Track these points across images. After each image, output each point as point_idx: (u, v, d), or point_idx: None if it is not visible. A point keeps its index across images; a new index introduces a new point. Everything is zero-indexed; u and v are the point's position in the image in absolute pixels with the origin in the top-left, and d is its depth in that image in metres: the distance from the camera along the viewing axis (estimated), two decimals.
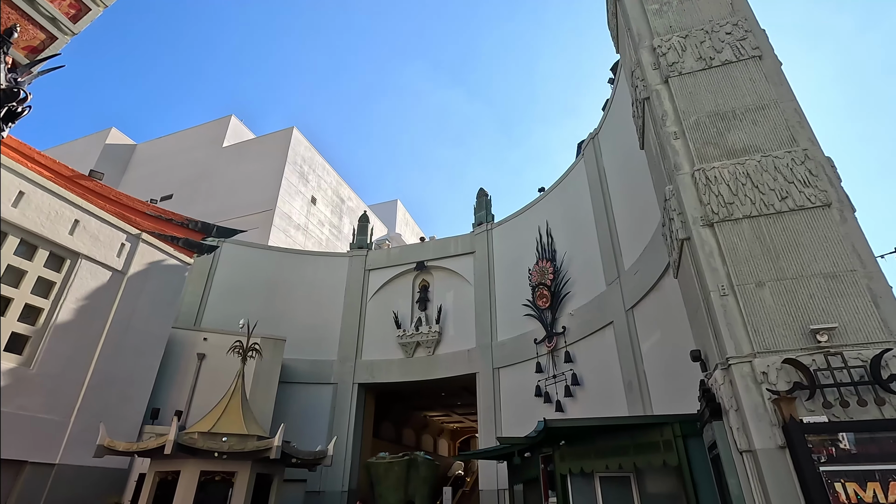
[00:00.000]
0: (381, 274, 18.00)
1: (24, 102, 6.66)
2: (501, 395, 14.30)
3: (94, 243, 10.07)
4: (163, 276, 11.48)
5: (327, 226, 27.72)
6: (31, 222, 9.01)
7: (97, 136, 29.28)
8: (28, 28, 6.84)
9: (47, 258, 9.35)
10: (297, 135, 26.45)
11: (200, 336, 12.94)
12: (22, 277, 8.89)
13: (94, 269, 10.05)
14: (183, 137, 29.18)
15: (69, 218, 9.67)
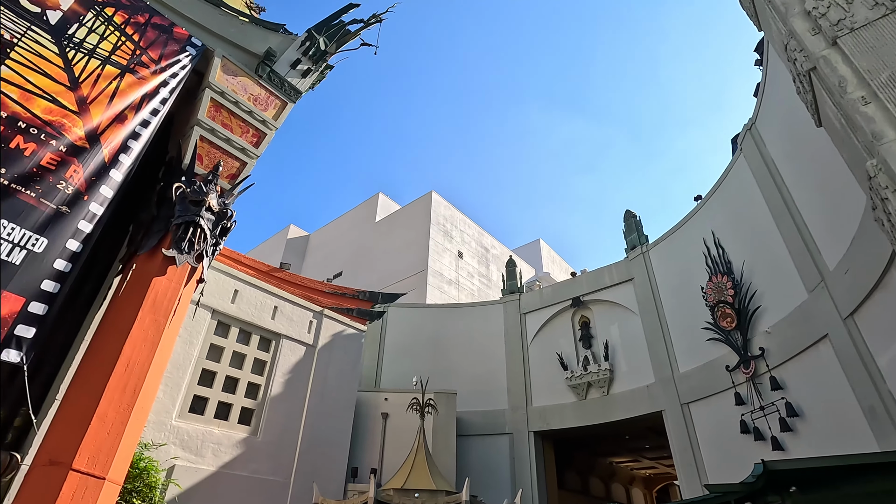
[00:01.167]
0: (538, 316, 17.71)
1: (231, 219, 8.28)
2: (698, 433, 12.57)
3: (290, 324, 11.82)
4: (344, 345, 12.89)
5: (476, 276, 28.56)
6: (245, 314, 10.97)
7: (280, 234, 35.06)
8: (227, 160, 8.61)
9: (259, 341, 11.21)
10: (436, 197, 28.35)
11: (381, 396, 14.02)
12: (243, 360, 10.75)
13: (293, 345, 11.72)
14: (342, 221, 33.37)
15: (270, 305, 11.56)
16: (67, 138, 6.72)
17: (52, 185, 6.40)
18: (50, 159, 6.46)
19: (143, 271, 7.15)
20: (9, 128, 6.20)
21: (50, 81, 6.78)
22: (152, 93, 8.00)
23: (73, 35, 7.26)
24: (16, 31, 6.69)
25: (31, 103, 6.53)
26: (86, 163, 6.82)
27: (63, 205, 6.44)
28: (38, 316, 5.89)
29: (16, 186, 6.06)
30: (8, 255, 5.80)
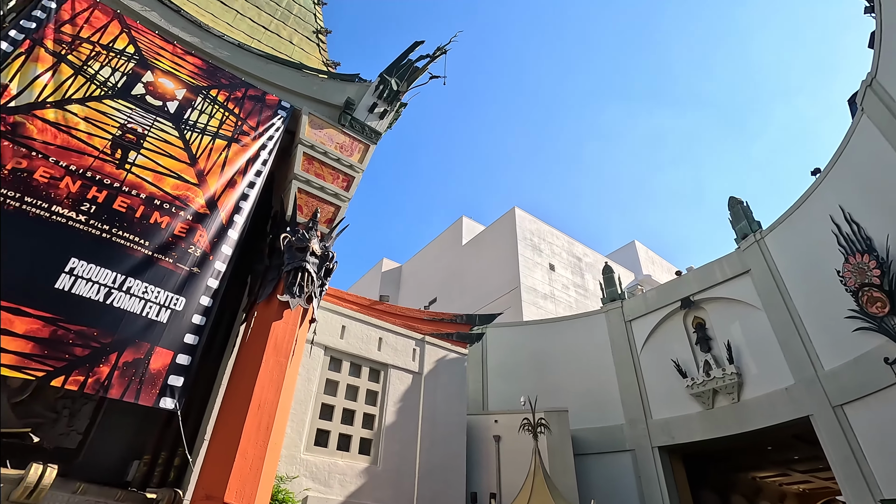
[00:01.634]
0: (645, 322, 16.64)
1: (333, 260, 8.83)
2: (860, 440, 10.88)
3: (395, 354, 12.23)
4: (448, 369, 13.04)
5: (572, 288, 27.64)
6: (353, 347, 11.56)
7: (375, 268, 36.78)
8: (323, 207, 9.25)
9: (369, 373, 11.72)
10: (519, 213, 28.14)
11: (491, 419, 13.89)
12: (357, 392, 11.28)
13: (400, 374, 12.10)
14: (430, 248, 34.23)
15: (375, 337, 12.08)
16: (192, 208, 7.68)
17: (185, 250, 7.32)
18: (180, 229, 7.41)
19: (263, 317, 7.85)
20: (147, 206, 7.24)
21: (175, 161, 7.84)
22: (254, 157, 8.92)
23: (188, 119, 8.36)
24: (145, 124, 7.86)
25: (162, 182, 7.58)
26: (208, 227, 7.73)
27: (194, 266, 7.32)
28: (185, 366, 6.68)
29: (158, 256, 7.02)
30: (157, 316, 6.68)
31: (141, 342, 6.40)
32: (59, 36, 7.65)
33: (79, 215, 6.60)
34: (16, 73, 7.03)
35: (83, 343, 6.03)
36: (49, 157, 6.74)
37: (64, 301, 6.07)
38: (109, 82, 7.81)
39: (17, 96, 6.87)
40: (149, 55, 8.45)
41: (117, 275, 6.56)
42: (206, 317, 7.16)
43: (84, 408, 7.98)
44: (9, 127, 6.64)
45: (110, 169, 7.15)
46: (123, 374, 6.15)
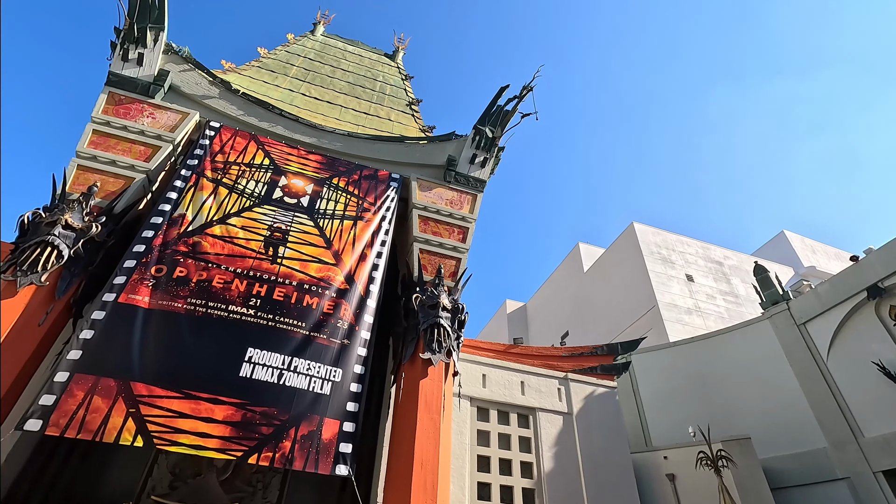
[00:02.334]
0: (823, 322, 14.21)
1: (463, 311, 9.02)
2: None
3: (540, 396, 11.88)
4: (599, 406, 12.26)
5: (719, 297, 24.81)
6: (497, 395, 11.48)
7: (500, 311, 36.74)
8: (445, 262, 9.60)
9: (517, 419, 11.47)
10: (639, 227, 26.47)
11: (659, 456, 12.60)
12: (509, 441, 11.06)
13: (549, 417, 11.65)
14: (552, 282, 33.40)
15: (517, 382, 11.89)
16: (335, 286, 8.50)
17: (334, 325, 8.05)
18: (328, 306, 8.20)
19: (410, 377, 8.22)
20: (299, 292, 8.16)
21: (314, 248, 8.83)
22: (377, 229, 9.69)
23: (318, 208, 9.43)
24: (287, 221, 9.02)
25: (307, 268, 8.54)
26: (350, 300, 8.46)
27: (344, 339, 7.99)
28: (351, 433, 7.16)
29: (314, 334, 7.81)
30: (321, 389, 7.33)
31: (312, 415, 7.05)
32: (215, 164, 9.26)
33: (249, 310, 7.66)
34: (189, 202, 8.60)
35: (267, 422, 6.80)
36: (221, 265, 8.02)
37: (248, 387, 6.97)
38: (255, 192, 9.18)
39: (192, 221, 8.38)
40: (280, 162, 9.82)
41: (285, 357, 7.39)
42: (361, 384, 7.69)
43: (273, 480, 8.90)
44: (190, 247, 8.07)
45: (266, 265, 8.27)
46: (302, 447, 6.77)
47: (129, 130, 8.85)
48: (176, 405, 6.53)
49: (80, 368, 6.47)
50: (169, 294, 7.43)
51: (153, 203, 8.65)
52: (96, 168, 8.31)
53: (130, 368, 6.62)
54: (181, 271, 7.72)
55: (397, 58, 17.80)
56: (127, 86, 9.21)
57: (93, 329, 6.83)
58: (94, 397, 6.29)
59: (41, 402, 6.13)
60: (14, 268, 6.81)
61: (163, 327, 7.12)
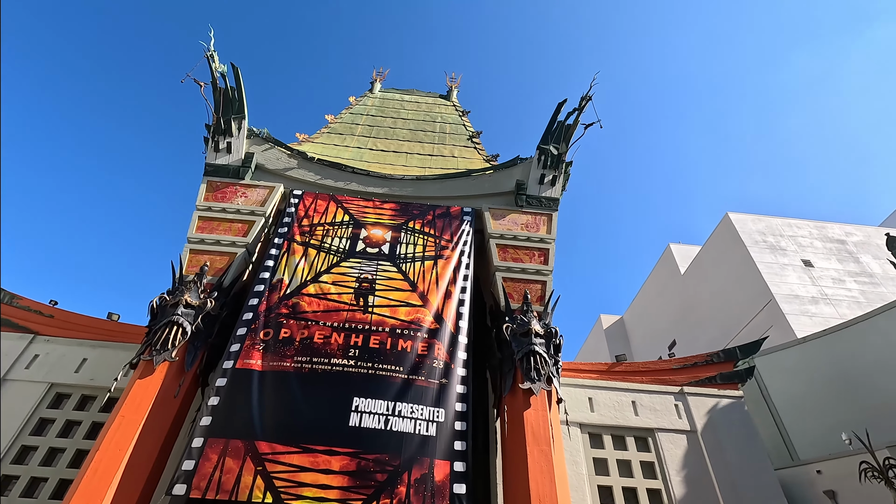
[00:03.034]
0: None
1: (558, 335, 8.73)
2: None
3: (655, 415, 11.02)
4: (726, 419, 11.09)
5: (848, 279, 21.84)
6: (607, 418, 10.83)
7: (595, 329, 35.09)
8: (530, 287, 9.39)
9: (635, 443, 10.69)
10: (736, 217, 24.34)
11: (811, 470, 11.05)
12: (630, 467, 10.30)
13: (671, 437, 10.73)
14: (647, 290, 31.46)
15: (627, 402, 11.15)
16: (425, 327, 8.65)
17: (430, 365, 8.15)
18: (422, 348, 8.34)
19: (513, 409, 8.03)
20: (392, 337, 8.40)
21: (400, 292, 9.10)
22: (458, 264, 9.80)
23: (399, 254, 9.78)
24: (372, 271, 9.42)
25: (397, 313, 8.80)
26: (442, 339, 8.54)
27: (442, 378, 8.04)
28: (462, 473, 7.08)
29: (412, 377, 7.95)
30: (427, 431, 7.38)
31: (422, 458, 7.09)
32: (302, 229, 10.00)
33: (349, 360, 8.01)
34: (284, 268, 9.31)
35: (380, 469, 6.95)
36: (319, 321, 8.52)
37: (358, 435, 7.20)
38: (340, 248, 9.73)
39: (289, 285, 9.05)
40: (359, 216, 10.38)
41: (388, 402, 7.58)
42: (465, 421, 7.64)
43: None
44: (290, 309, 8.68)
45: (359, 316, 8.65)
46: (417, 491, 6.80)
47: (227, 212, 9.87)
48: (296, 460, 6.90)
49: (211, 433, 7.10)
50: (278, 355, 7.99)
51: (254, 273, 9.48)
52: (205, 249, 9.31)
53: (253, 428, 7.14)
54: (285, 332, 8.30)
55: (452, 96, 18.36)
56: (221, 173, 10.34)
57: (218, 395, 7.50)
58: (226, 459, 6.83)
59: (184, 467, 6.78)
60: (150, 348, 7.73)
61: (276, 387, 7.63)
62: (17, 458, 9.50)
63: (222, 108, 10.37)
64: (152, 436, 7.17)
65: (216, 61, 10.18)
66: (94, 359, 10.77)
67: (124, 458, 6.74)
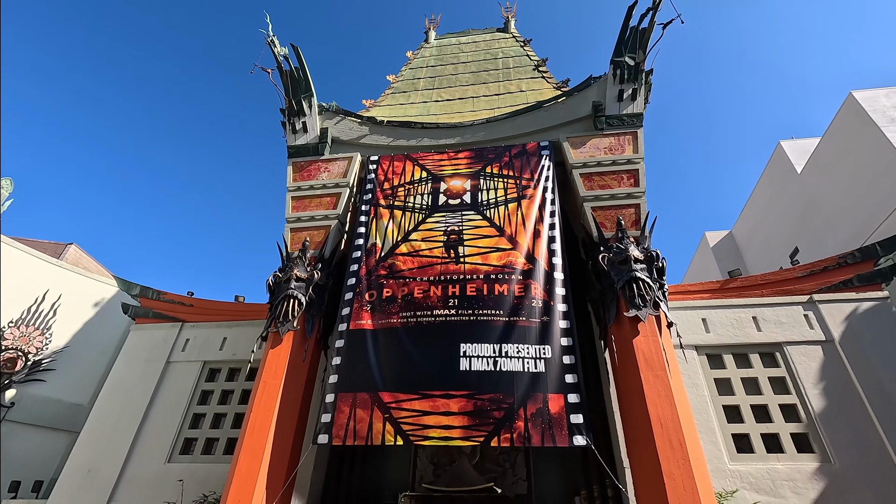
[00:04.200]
0: None
1: (659, 258, 8.28)
2: None
3: (783, 328, 10.19)
4: (868, 324, 9.94)
5: None
6: (726, 337, 10.24)
7: (700, 249, 32.72)
8: (623, 212, 8.94)
9: (760, 359, 10.03)
10: (861, 95, 20.75)
11: None
12: (757, 384, 9.73)
13: (803, 349, 9.91)
14: (758, 196, 28.42)
15: (747, 319, 10.42)
16: (518, 269, 8.65)
17: (529, 305, 8.19)
18: (518, 290, 8.38)
19: (621, 339, 7.86)
20: (488, 283, 8.53)
21: (489, 239, 9.13)
22: (542, 202, 9.55)
23: (482, 201, 9.74)
24: (457, 222, 9.52)
25: (488, 259, 8.87)
26: (537, 278, 8.50)
27: (543, 316, 8.06)
28: (578, 404, 7.17)
29: (513, 319, 8.06)
30: (536, 368, 7.52)
31: (535, 394, 7.27)
32: (384, 192, 10.30)
33: (450, 311, 8.30)
34: (375, 232, 9.73)
35: (496, 407, 7.26)
36: (415, 277, 8.87)
37: (470, 379, 7.54)
38: (423, 205, 9.91)
39: (383, 248, 9.46)
40: (436, 170, 10.42)
41: (493, 345, 7.80)
42: (572, 355, 7.66)
43: (518, 459, 9.45)
44: (387, 270, 9.12)
45: (453, 267, 8.85)
46: (534, 425, 7.04)
47: (314, 188, 10.43)
48: (417, 405, 7.43)
49: (340, 389, 7.85)
50: (384, 313, 8.50)
51: (350, 241, 10.02)
52: (302, 227, 9.99)
53: (374, 381, 7.77)
54: (387, 292, 8.77)
55: (510, 27, 17.34)
56: (302, 152, 10.87)
57: (339, 355, 8.22)
58: (357, 410, 7.55)
59: (322, 420, 7.62)
60: (274, 321, 8.61)
61: (388, 342, 8.18)
62: (192, 424, 11.30)
63: (291, 90, 10.76)
64: (291, 395, 8.11)
65: (277, 45, 10.49)
66: (231, 337, 12.28)
67: (273, 417, 7.73)
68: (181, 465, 10.47)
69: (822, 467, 8.63)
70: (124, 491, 10.43)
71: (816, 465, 8.66)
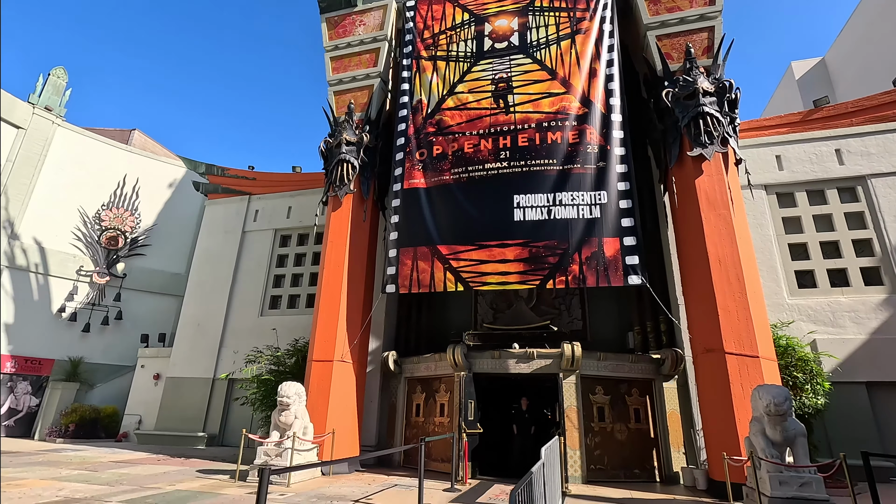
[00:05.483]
0: None
1: (732, 89, 7.46)
2: None
3: (870, 159, 9.30)
4: None
5: None
6: (802, 173, 9.54)
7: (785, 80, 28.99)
8: (692, 38, 7.89)
9: (837, 195, 9.38)
10: None
11: None
12: (830, 220, 9.25)
13: (888, 181, 9.11)
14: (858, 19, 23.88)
15: (829, 151, 9.54)
16: (572, 114, 8.15)
17: (584, 152, 7.87)
18: (573, 136, 8.00)
19: (682, 180, 7.52)
20: (540, 132, 8.17)
21: (540, 84, 8.50)
22: (599, 36, 8.57)
23: (530, 41, 8.88)
24: (505, 68, 8.86)
25: (540, 106, 8.38)
26: (593, 122, 8.02)
27: (599, 162, 7.77)
28: (633, 246, 7.22)
29: (567, 167, 7.84)
30: (591, 214, 7.48)
31: (590, 238, 7.37)
32: (425, 42, 9.60)
33: (502, 163, 8.18)
34: (420, 88, 9.31)
35: (551, 253, 7.47)
36: (464, 132, 8.63)
37: (525, 228, 7.68)
38: (467, 52, 9.21)
39: (429, 104, 9.13)
40: (478, 10, 9.45)
41: (547, 195, 7.75)
42: (629, 199, 7.50)
43: (573, 301, 9.97)
44: (435, 126, 8.91)
45: (503, 118, 8.48)
46: (589, 267, 7.26)
47: (352, 45, 9.89)
48: (475, 255, 7.80)
49: (400, 244, 8.32)
50: (436, 171, 8.53)
51: (395, 100, 9.72)
52: (345, 88, 9.73)
53: (431, 236, 8.13)
54: (437, 149, 8.68)
55: None
56: (334, 5, 10.11)
57: (396, 214, 8.56)
58: (418, 262, 8.06)
59: (388, 272, 8.25)
60: (332, 186, 8.92)
61: (442, 198, 8.33)
62: (275, 284, 12.64)
63: None
64: (358, 252, 8.73)
65: None
66: (296, 205, 12.98)
67: (343, 273, 8.44)
68: (272, 318, 12.00)
69: (889, 299, 8.49)
70: (230, 338, 12.27)
71: (884, 297, 8.52)
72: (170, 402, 12.16)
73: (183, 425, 11.73)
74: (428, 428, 8.31)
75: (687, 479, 6.91)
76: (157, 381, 12.90)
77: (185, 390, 12.11)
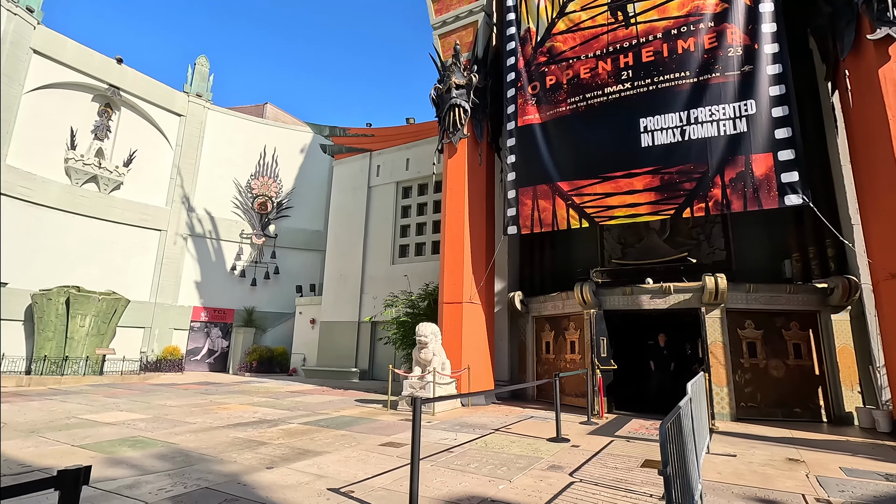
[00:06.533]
0: None
1: None
2: None
3: None
4: None
5: None
6: None
7: None
8: None
9: None
10: None
11: None
12: None
13: None
14: None
15: None
16: (708, 13, 7.02)
17: (724, 56, 6.80)
18: (709, 40, 6.93)
19: (860, 71, 6.15)
20: (668, 41, 7.20)
21: None
22: None
23: None
24: None
25: (667, 11, 7.34)
26: (734, 19, 6.84)
27: (744, 66, 6.67)
28: (791, 160, 6.22)
29: (702, 78, 6.87)
30: (735, 129, 6.55)
31: (734, 157, 6.50)
32: None
33: (623, 84, 7.45)
34: (526, 15, 8.73)
35: (687, 178, 6.77)
36: (579, 56, 7.97)
37: (654, 154, 7.02)
38: None
39: (538, 32, 8.54)
40: None
41: (679, 114, 6.93)
42: (786, 105, 6.39)
43: (714, 230, 9.03)
44: (547, 55, 8.35)
45: (623, 33, 7.64)
46: (734, 190, 6.45)
47: None
48: (599, 189, 7.39)
49: (519, 184, 8.19)
50: (551, 103, 8.09)
51: (501, 34, 9.27)
52: (449, 30, 9.50)
53: (550, 174, 7.84)
54: (550, 79, 8.18)
55: None
56: None
57: (512, 153, 8.38)
58: (539, 201, 7.89)
59: (508, 214, 8.23)
60: (445, 133, 8.99)
61: (559, 132, 7.93)
62: (401, 234, 13.41)
63: None
64: (477, 196, 8.81)
65: None
66: (413, 156, 13.40)
67: (465, 217, 8.62)
68: (402, 266, 12.86)
69: None
70: (368, 286, 13.48)
71: None
72: (325, 342, 13.94)
73: (338, 362, 13.43)
74: (559, 364, 8.42)
75: (864, 420, 6.13)
76: (314, 325, 14.81)
77: (336, 332, 13.75)
